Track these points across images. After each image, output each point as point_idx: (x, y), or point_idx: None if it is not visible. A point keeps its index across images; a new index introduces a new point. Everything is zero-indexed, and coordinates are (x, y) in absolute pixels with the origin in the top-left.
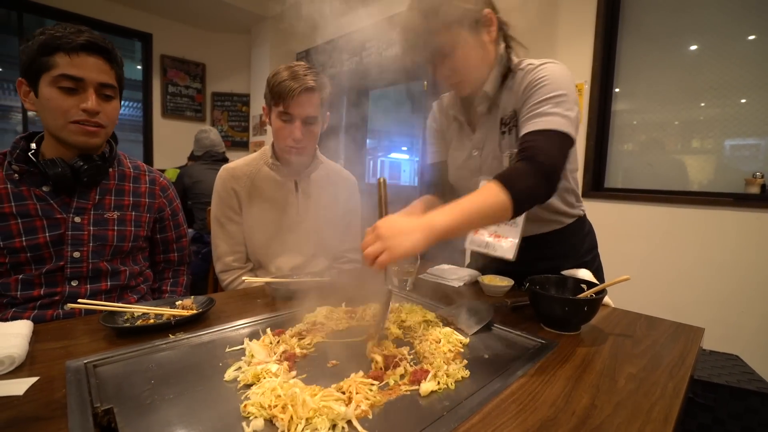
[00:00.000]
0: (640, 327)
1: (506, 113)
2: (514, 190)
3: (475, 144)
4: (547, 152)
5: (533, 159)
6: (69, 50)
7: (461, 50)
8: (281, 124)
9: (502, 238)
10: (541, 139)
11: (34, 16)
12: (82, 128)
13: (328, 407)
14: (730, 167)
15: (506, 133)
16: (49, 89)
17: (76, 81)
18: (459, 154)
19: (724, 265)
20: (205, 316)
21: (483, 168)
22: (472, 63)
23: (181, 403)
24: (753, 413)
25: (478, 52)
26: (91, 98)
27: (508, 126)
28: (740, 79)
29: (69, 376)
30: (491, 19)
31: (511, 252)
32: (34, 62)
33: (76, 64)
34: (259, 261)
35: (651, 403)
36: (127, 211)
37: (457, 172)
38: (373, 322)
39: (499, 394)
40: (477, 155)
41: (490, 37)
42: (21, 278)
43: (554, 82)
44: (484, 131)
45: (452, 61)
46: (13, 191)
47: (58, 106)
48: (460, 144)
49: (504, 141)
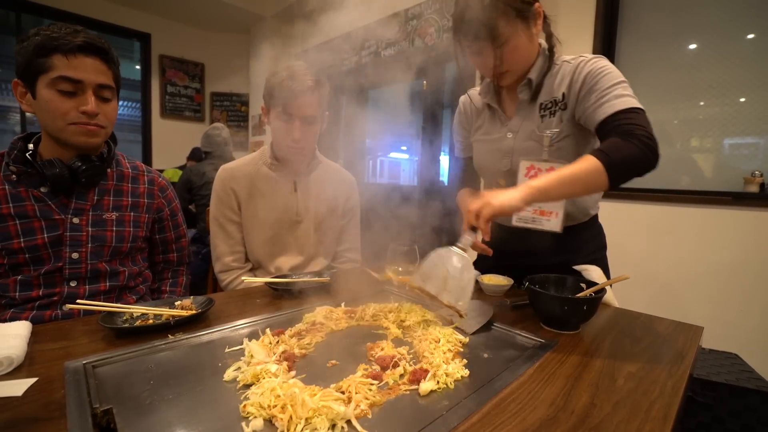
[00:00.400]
0: (639, 326)
1: (547, 99)
2: (610, 159)
3: (511, 128)
4: (640, 125)
5: (631, 133)
6: (66, 51)
7: (514, 41)
8: (281, 124)
9: (547, 214)
10: (630, 115)
11: (32, 16)
12: (82, 128)
13: (327, 407)
14: (729, 166)
15: (546, 116)
16: (47, 91)
17: (75, 83)
18: (490, 137)
19: (723, 263)
20: (204, 316)
21: (516, 147)
22: (521, 54)
23: (180, 404)
24: (752, 411)
25: (527, 44)
26: (90, 101)
27: (549, 110)
28: (739, 78)
29: (68, 376)
30: (540, 13)
31: (558, 225)
32: (31, 64)
33: (74, 66)
34: (259, 261)
35: (650, 401)
36: (125, 211)
37: (486, 155)
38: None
39: (498, 393)
40: (511, 138)
41: (536, 29)
42: (19, 279)
43: (614, 71)
44: (521, 116)
45: (503, 52)
46: (11, 192)
47: (57, 108)
48: (491, 129)
49: (543, 123)
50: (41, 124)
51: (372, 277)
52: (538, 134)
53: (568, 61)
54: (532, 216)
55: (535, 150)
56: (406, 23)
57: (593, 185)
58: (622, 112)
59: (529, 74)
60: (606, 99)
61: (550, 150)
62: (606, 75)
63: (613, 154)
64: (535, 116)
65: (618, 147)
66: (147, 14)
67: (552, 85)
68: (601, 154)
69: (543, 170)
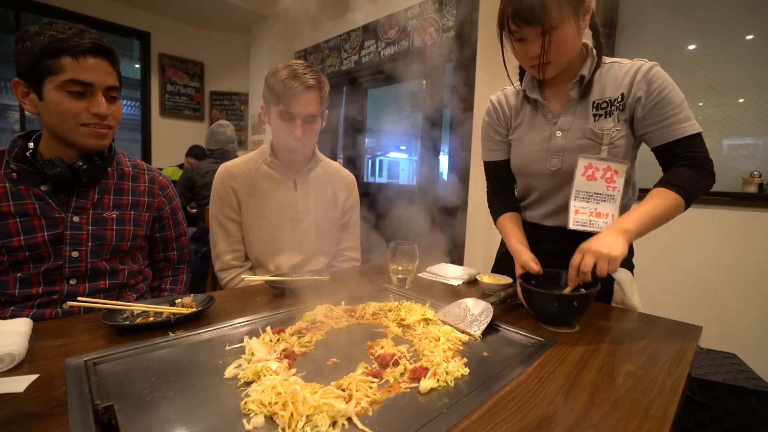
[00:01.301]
0: (638, 325)
1: (602, 98)
2: (688, 194)
3: (560, 126)
4: (705, 155)
5: (697, 164)
6: (76, 54)
7: (562, 30)
8: (281, 123)
9: (603, 215)
10: (695, 143)
11: (31, 14)
12: (93, 131)
13: (328, 404)
14: (728, 166)
15: (601, 116)
16: (56, 93)
17: (85, 85)
18: (535, 135)
19: (722, 263)
20: (204, 314)
21: (566, 147)
22: (567, 45)
23: (181, 401)
24: (750, 411)
25: (574, 37)
26: (102, 103)
27: (605, 110)
28: (738, 78)
29: (69, 373)
30: (590, 8)
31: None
32: (37, 65)
33: (84, 68)
34: (258, 259)
35: (649, 400)
36: (126, 210)
37: (530, 154)
38: None
39: (498, 391)
40: (561, 136)
41: (584, 24)
42: (19, 276)
43: (676, 86)
44: (571, 116)
45: (550, 39)
46: (11, 190)
47: (68, 110)
48: (534, 126)
49: (598, 123)
50: (47, 124)
51: (372, 275)
52: (595, 132)
53: (620, 63)
54: (589, 218)
55: (587, 148)
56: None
57: (672, 217)
58: (687, 139)
59: (581, 71)
60: (675, 120)
61: (608, 148)
62: (672, 90)
63: (690, 188)
64: (588, 115)
65: (692, 181)
66: (147, 13)
67: (604, 84)
68: (680, 190)
69: (600, 169)
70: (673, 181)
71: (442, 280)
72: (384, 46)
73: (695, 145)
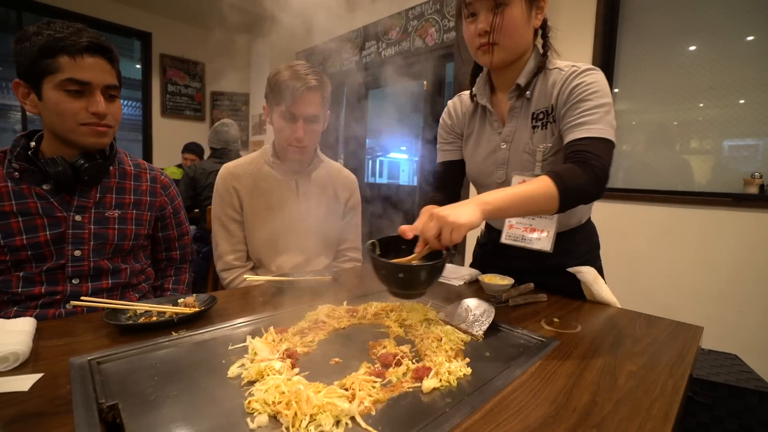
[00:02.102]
0: (639, 325)
1: (539, 108)
2: (565, 186)
3: (504, 137)
4: (600, 157)
5: (587, 162)
6: (73, 53)
7: (512, 10)
8: (283, 124)
9: (538, 231)
10: (595, 144)
11: (33, 14)
12: (92, 129)
13: (332, 404)
14: (729, 167)
15: (539, 128)
16: (55, 93)
17: (83, 84)
18: (483, 146)
19: (723, 264)
20: (207, 313)
21: (511, 161)
22: (515, 30)
23: (184, 400)
24: (751, 411)
25: (524, 23)
26: (100, 101)
27: (541, 122)
28: (739, 79)
29: (73, 372)
30: (543, 7)
31: (548, 244)
32: (35, 65)
33: (82, 67)
34: (260, 260)
35: (651, 400)
36: (128, 209)
37: (479, 165)
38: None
39: (500, 391)
40: (505, 148)
41: (536, 21)
42: (22, 275)
43: (602, 90)
44: (514, 125)
45: (500, 17)
46: (13, 189)
47: (67, 110)
48: (483, 136)
49: (536, 135)
50: (48, 124)
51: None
52: (531, 148)
53: (561, 68)
54: (522, 234)
55: (528, 164)
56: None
57: (543, 209)
58: (590, 139)
59: (519, 79)
60: (584, 120)
61: (543, 165)
62: (592, 94)
63: (569, 181)
64: (528, 126)
65: (574, 174)
66: (148, 13)
67: (541, 93)
68: (558, 179)
69: None
70: (555, 170)
71: (444, 280)
72: (385, 47)
73: (592, 146)
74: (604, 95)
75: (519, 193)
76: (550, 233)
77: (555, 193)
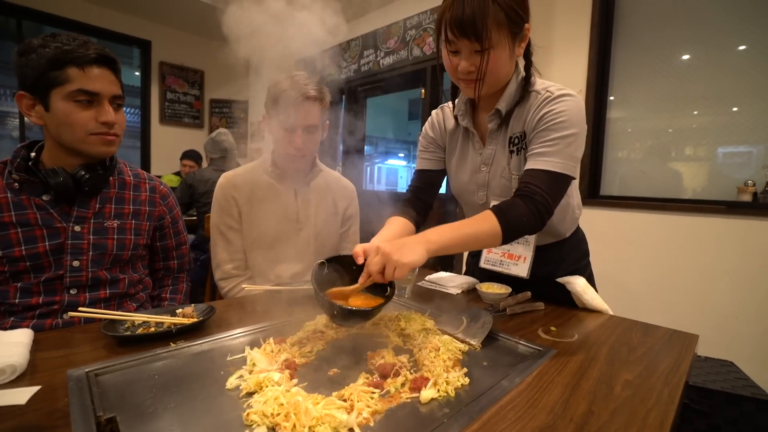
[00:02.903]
0: (635, 334)
1: (515, 132)
2: (507, 222)
3: (484, 159)
4: (544, 192)
5: (530, 196)
6: (82, 64)
7: (498, 52)
8: (282, 133)
9: (515, 257)
10: (543, 178)
11: (33, 23)
12: (102, 138)
13: (330, 415)
14: (723, 175)
15: (514, 153)
16: (64, 103)
17: (92, 95)
18: (465, 167)
19: (718, 272)
20: (205, 324)
21: (491, 184)
22: (500, 68)
23: (183, 412)
24: (748, 419)
25: (507, 61)
26: (109, 111)
27: (517, 147)
28: (732, 88)
29: (71, 384)
30: (527, 35)
31: (525, 270)
32: (43, 76)
33: (90, 78)
34: (259, 269)
35: (647, 409)
36: (127, 219)
37: (463, 185)
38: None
39: (498, 400)
40: (485, 171)
41: (519, 51)
42: (20, 286)
43: (570, 119)
44: (494, 147)
45: (484, 57)
46: (13, 200)
47: (77, 120)
48: (465, 156)
49: (513, 161)
50: (54, 134)
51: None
52: (508, 173)
53: (538, 92)
54: (500, 259)
55: (506, 189)
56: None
57: (487, 244)
58: (539, 172)
59: (498, 104)
60: (541, 151)
61: None
62: (558, 123)
63: (510, 216)
64: (506, 150)
65: (516, 209)
66: (147, 21)
67: (520, 116)
68: (501, 215)
69: None
70: (499, 206)
71: (442, 289)
72: (383, 56)
73: (540, 180)
74: (571, 125)
75: (463, 231)
76: (528, 259)
77: (498, 230)
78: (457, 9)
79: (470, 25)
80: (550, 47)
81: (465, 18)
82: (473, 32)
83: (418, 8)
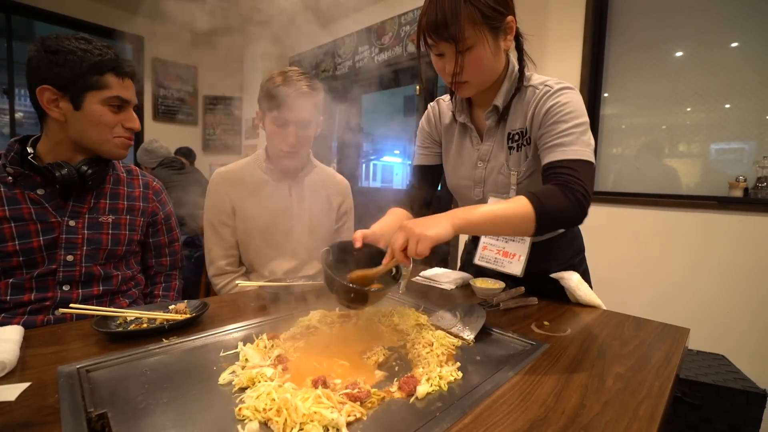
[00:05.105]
0: (628, 328)
1: (514, 128)
2: (543, 208)
3: (481, 155)
4: (581, 180)
5: (568, 185)
6: (121, 74)
7: (477, 50)
8: (275, 129)
9: (510, 255)
10: (575, 167)
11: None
12: (124, 142)
13: (319, 413)
14: (715, 171)
15: (514, 150)
16: (99, 107)
17: (124, 102)
18: (462, 163)
19: (710, 266)
20: (198, 320)
21: (488, 181)
22: (482, 66)
23: (175, 407)
24: (739, 411)
25: (491, 58)
26: (135, 118)
27: (517, 143)
28: (724, 85)
29: (61, 381)
30: (512, 27)
31: (519, 268)
32: (82, 78)
33: (125, 87)
34: (253, 265)
35: (638, 401)
36: (121, 215)
37: (459, 180)
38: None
39: (490, 394)
40: (482, 167)
41: (506, 45)
42: (11, 282)
43: (577, 110)
44: (491, 143)
45: (465, 58)
46: (6, 195)
47: (107, 122)
48: (462, 151)
49: (512, 158)
50: (75, 131)
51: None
52: (506, 170)
53: (535, 87)
54: (495, 256)
55: (503, 186)
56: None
57: (519, 230)
58: (570, 162)
59: (495, 100)
60: (561, 142)
61: (518, 188)
62: (567, 114)
63: (547, 202)
64: (504, 147)
65: (553, 197)
66: (140, 17)
67: (517, 112)
68: (536, 200)
69: None
70: (535, 192)
71: (436, 284)
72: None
73: (572, 169)
74: (579, 115)
75: (495, 211)
76: (522, 258)
77: (532, 215)
78: (431, 13)
79: (444, 27)
80: (544, 43)
81: (439, 21)
82: (449, 34)
83: (412, 4)
